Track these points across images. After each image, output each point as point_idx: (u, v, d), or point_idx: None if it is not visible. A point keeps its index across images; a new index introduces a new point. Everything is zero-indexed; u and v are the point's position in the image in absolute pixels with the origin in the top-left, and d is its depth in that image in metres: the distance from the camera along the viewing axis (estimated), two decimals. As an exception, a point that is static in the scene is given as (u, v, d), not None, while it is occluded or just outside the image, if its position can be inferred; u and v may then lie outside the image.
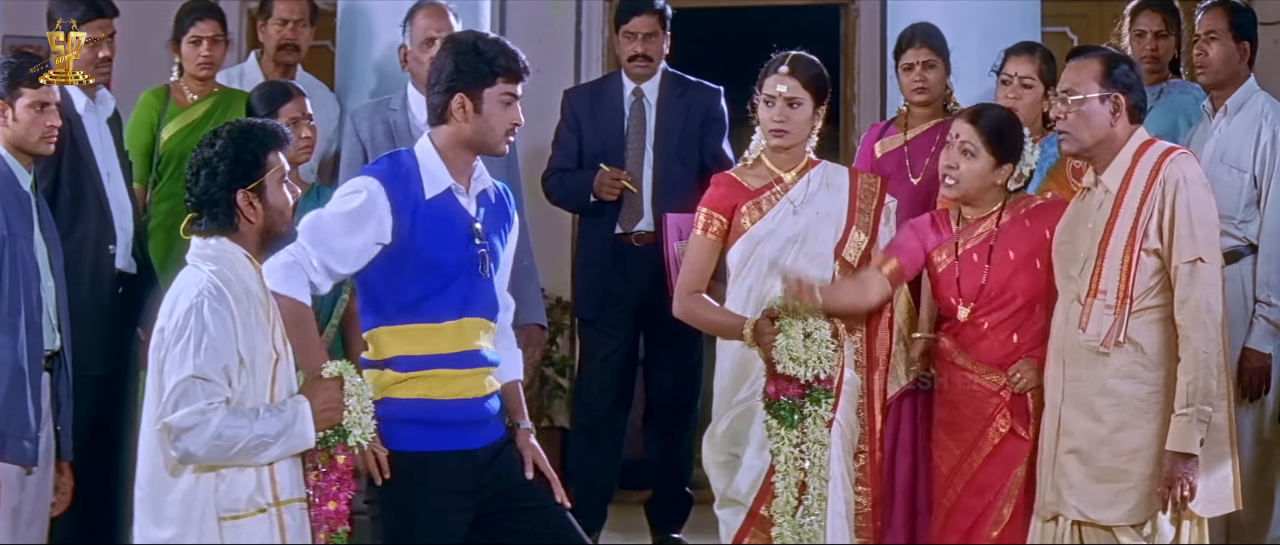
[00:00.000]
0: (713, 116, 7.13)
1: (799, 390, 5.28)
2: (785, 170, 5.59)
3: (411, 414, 4.82)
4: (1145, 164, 5.18)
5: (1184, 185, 5.13)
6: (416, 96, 6.58)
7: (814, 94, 5.53)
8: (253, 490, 4.44)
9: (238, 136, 4.54)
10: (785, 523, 5.33)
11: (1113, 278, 5.14)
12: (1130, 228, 5.15)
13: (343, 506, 4.55)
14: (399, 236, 4.82)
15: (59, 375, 5.48)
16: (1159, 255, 5.14)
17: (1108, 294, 5.15)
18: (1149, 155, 5.20)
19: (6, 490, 5.26)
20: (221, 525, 4.42)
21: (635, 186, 6.97)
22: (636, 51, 7.08)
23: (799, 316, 5.25)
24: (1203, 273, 5.09)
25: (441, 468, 4.83)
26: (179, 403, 4.36)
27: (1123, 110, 5.22)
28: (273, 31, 7.23)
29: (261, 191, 4.52)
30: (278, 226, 4.57)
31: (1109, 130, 5.22)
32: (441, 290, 4.86)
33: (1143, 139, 5.26)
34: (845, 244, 5.54)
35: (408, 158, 4.93)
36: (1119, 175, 5.21)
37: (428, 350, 4.85)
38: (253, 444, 4.38)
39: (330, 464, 4.53)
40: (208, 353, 4.36)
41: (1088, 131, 5.22)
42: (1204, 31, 6.49)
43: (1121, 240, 5.15)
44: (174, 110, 6.84)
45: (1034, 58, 6.24)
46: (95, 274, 6.06)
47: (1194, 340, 5.06)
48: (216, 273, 4.46)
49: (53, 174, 5.97)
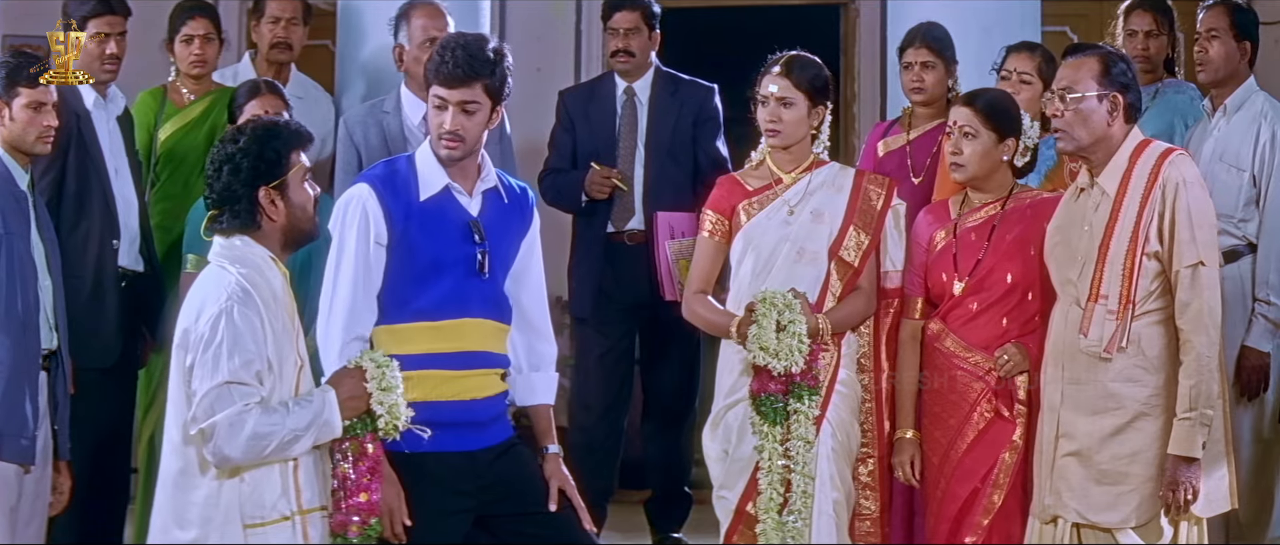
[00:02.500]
0: (706, 115, 7.12)
1: (781, 387, 5.31)
2: (786, 171, 5.62)
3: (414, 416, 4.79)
4: (1144, 165, 5.13)
5: (1184, 188, 5.08)
6: (410, 98, 6.57)
7: (808, 94, 5.55)
8: (277, 497, 4.46)
9: (262, 134, 4.57)
10: (769, 520, 5.36)
11: (1114, 282, 5.09)
12: (1131, 231, 5.09)
13: (375, 497, 4.56)
14: (393, 237, 4.84)
15: (56, 375, 5.47)
16: (1159, 258, 5.09)
17: (1109, 299, 5.10)
18: (1146, 156, 5.15)
19: (5, 489, 5.26)
20: (246, 531, 4.44)
21: (626, 184, 6.97)
22: (618, 47, 7.09)
23: (776, 309, 5.27)
24: (1204, 276, 5.05)
25: (439, 469, 4.82)
26: (213, 408, 4.37)
27: (1120, 109, 5.18)
28: (265, 31, 7.23)
29: (284, 189, 4.55)
30: (301, 224, 4.59)
31: (1106, 130, 5.17)
32: (438, 289, 4.86)
33: (1139, 139, 5.21)
34: (841, 244, 5.54)
35: (404, 162, 4.96)
36: (1116, 177, 5.15)
37: (424, 350, 4.85)
38: (287, 439, 4.41)
39: (360, 453, 4.55)
40: (240, 357, 4.37)
41: (1085, 130, 5.17)
42: (1205, 29, 6.50)
43: (1123, 244, 5.10)
44: (171, 110, 6.85)
45: (1034, 55, 6.28)
46: (98, 270, 6.07)
47: (1196, 344, 5.03)
48: (245, 276, 4.47)
49: (59, 169, 5.99)
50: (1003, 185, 5.63)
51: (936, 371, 5.61)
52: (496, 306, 4.96)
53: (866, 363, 5.64)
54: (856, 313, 5.56)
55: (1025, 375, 5.48)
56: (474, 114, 4.86)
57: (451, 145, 4.86)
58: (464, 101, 4.84)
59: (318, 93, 7.34)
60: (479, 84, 4.84)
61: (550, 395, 5.14)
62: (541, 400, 5.12)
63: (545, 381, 5.13)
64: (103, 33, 6.32)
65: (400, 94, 6.65)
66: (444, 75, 4.83)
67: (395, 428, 4.57)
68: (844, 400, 5.52)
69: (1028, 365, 5.45)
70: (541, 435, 5.09)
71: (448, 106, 4.84)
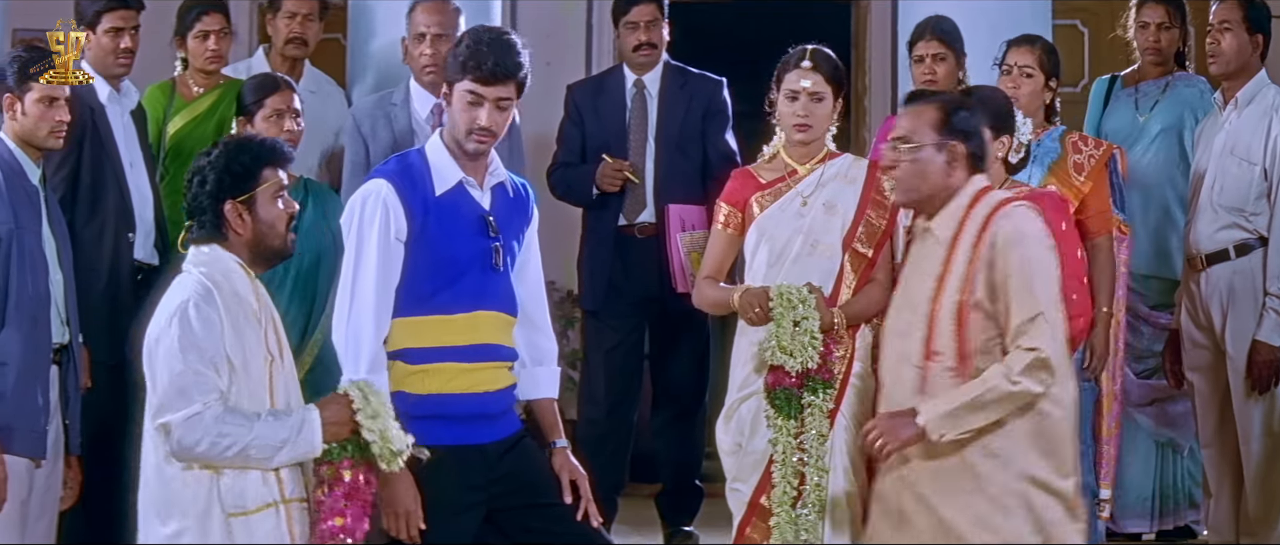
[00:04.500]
0: (715, 108, 7.12)
1: (796, 381, 5.30)
2: (800, 163, 5.60)
3: (421, 408, 4.80)
4: (976, 216, 4.80)
5: (1017, 242, 4.74)
6: (419, 91, 6.59)
7: (835, 87, 5.55)
8: (258, 486, 4.46)
9: (233, 148, 4.60)
10: (783, 513, 5.35)
11: (946, 338, 4.77)
12: (960, 284, 4.77)
13: (351, 523, 4.52)
14: (412, 232, 4.83)
15: (67, 369, 5.49)
16: (989, 313, 4.75)
17: (944, 356, 4.77)
18: (981, 207, 4.82)
19: (16, 483, 5.26)
20: (231, 523, 4.44)
21: (637, 177, 6.97)
22: (640, 40, 7.08)
23: (792, 305, 5.27)
24: (1045, 326, 4.69)
25: (451, 462, 4.81)
26: (172, 403, 4.40)
27: (960, 159, 4.85)
28: (281, 26, 7.21)
29: (252, 204, 4.56)
30: (268, 240, 4.59)
31: (944, 181, 4.85)
32: (454, 283, 4.86)
33: (979, 187, 4.89)
34: (854, 236, 5.54)
35: (417, 157, 4.95)
36: (951, 226, 4.83)
37: (438, 343, 4.85)
38: (253, 446, 4.40)
39: (336, 478, 4.52)
40: (195, 353, 4.39)
41: (923, 182, 4.86)
42: (1218, 22, 6.52)
43: (952, 297, 4.77)
44: (179, 104, 6.83)
45: (1034, 48, 6.27)
46: (114, 263, 6.08)
47: (1016, 376, 4.66)
48: (206, 275, 4.50)
49: (74, 163, 6.00)
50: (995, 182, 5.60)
51: None
52: (508, 300, 4.97)
53: (881, 354, 5.64)
54: (872, 305, 5.54)
55: None
56: (506, 110, 4.87)
57: (483, 140, 4.86)
58: (501, 98, 4.83)
59: (331, 87, 7.33)
60: (514, 82, 4.85)
61: (554, 389, 5.14)
62: (545, 394, 5.11)
63: (548, 376, 5.13)
64: (116, 27, 6.33)
65: (409, 87, 6.66)
66: (485, 72, 4.80)
67: (391, 453, 4.52)
68: (858, 394, 5.51)
69: None
70: (548, 430, 5.09)
71: (483, 103, 4.83)
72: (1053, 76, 6.24)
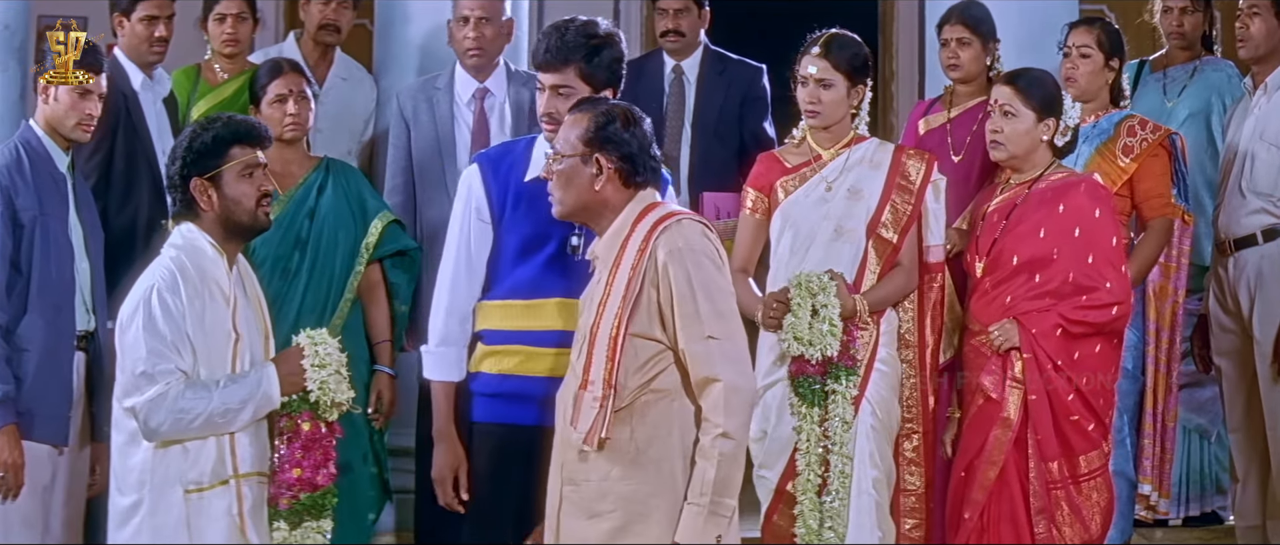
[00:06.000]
0: (754, 95, 7.11)
1: (819, 368, 5.31)
2: (825, 148, 5.61)
3: (493, 387, 4.95)
4: (638, 236, 4.47)
5: (681, 257, 4.41)
6: (463, 76, 6.60)
7: (847, 74, 5.54)
8: (215, 462, 4.57)
9: (199, 127, 4.73)
10: (807, 500, 5.36)
11: (598, 368, 4.41)
12: (617, 311, 4.42)
13: (308, 473, 4.63)
14: (495, 216, 4.97)
15: (95, 356, 5.51)
16: (650, 337, 4.43)
17: (595, 385, 4.42)
18: (643, 225, 4.48)
19: (37, 469, 5.30)
20: (187, 498, 4.56)
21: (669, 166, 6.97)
22: (668, 27, 7.09)
23: (811, 293, 5.28)
24: (718, 351, 4.38)
25: (507, 438, 4.92)
26: (137, 385, 4.52)
27: (609, 174, 4.51)
28: (315, 11, 7.21)
29: (217, 181, 4.65)
30: (235, 215, 4.68)
31: (593, 194, 4.52)
32: (531, 268, 4.95)
33: (644, 204, 4.54)
34: (878, 221, 5.53)
35: (524, 143, 5.08)
36: (613, 248, 4.51)
37: (515, 325, 4.96)
38: (217, 413, 4.53)
39: (294, 430, 4.63)
40: (157, 338, 4.51)
41: (567, 193, 4.54)
42: (1246, 6, 6.50)
43: (609, 326, 4.42)
44: (204, 89, 6.85)
45: (1093, 28, 6.31)
46: (149, 246, 6.10)
47: (718, 424, 4.35)
48: (175, 259, 4.62)
49: (107, 149, 6.05)
50: (1038, 166, 5.63)
51: (965, 354, 5.67)
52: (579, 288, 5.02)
53: (910, 339, 5.63)
54: (896, 290, 5.54)
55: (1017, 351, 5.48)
56: (565, 96, 4.90)
57: (548, 127, 4.93)
58: (557, 85, 4.91)
59: (361, 74, 7.33)
60: (571, 68, 4.91)
61: None
62: None
63: None
64: (151, 15, 6.36)
65: (454, 71, 6.66)
66: (537, 59, 4.96)
67: (331, 403, 4.63)
68: (883, 378, 5.51)
69: (1018, 341, 5.46)
70: None
71: (544, 90, 4.93)
72: (1114, 56, 6.25)
